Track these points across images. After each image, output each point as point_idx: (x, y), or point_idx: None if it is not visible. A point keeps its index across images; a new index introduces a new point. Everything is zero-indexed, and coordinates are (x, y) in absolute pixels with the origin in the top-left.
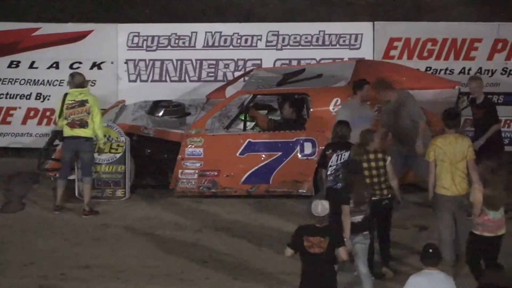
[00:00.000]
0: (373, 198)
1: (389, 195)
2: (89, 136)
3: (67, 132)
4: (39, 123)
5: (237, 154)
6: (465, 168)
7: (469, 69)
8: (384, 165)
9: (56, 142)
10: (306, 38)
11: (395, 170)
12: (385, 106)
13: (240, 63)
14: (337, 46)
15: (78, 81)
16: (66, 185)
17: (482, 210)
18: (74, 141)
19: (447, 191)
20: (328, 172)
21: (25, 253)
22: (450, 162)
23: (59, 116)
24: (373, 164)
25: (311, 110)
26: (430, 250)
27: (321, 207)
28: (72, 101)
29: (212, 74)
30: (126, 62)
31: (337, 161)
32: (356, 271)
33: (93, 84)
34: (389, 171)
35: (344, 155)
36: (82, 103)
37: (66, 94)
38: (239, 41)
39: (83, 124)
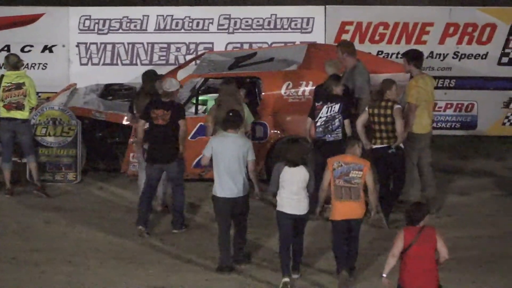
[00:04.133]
0: (380, 146)
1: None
2: (26, 118)
3: (4, 113)
4: None
5: (189, 138)
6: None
7: None
8: (391, 113)
9: None
10: (258, 21)
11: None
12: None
13: (192, 46)
14: (289, 29)
15: (12, 62)
16: (11, 167)
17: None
18: (11, 122)
19: (424, 129)
20: (317, 124)
21: None
22: (428, 100)
23: None
24: (382, 111)
25: (263, 93)
26: (230, 115)
27: (169, 83)
28: (9, 84)
29: (164, 58)
30: (77, 45)
31: (327, 112)
32: None
33: (44, 68)
34: (395, 117)
35: (334, 107)
36: (19, 86)
37: (2, 76)
38: (190, 24)
39: (19, 107)
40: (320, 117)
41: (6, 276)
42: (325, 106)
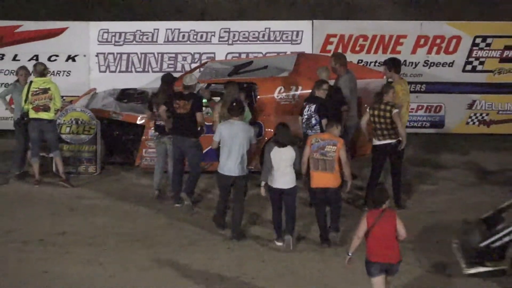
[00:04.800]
0: (380, 142)
1: (395, 140)
2: (51, 118)
3: (32, 114)
4: None
5: None
6: None
7: None
8: (390, 115)
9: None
10: (254, 34)
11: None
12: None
13: (196, 56)
14: (281, 41)
15: (39, 69)
16: (39, 161)
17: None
18: (38, 122)
19: (405, 125)
20: (302, 120)
21: (8, 221)
22: (408, 101)
23: (25, 101)
24: (381, 113)
25: (258, 97)
26: (234, 104)
27: (189, 78)
28: (37, 89)
29: (172, 66)
30: (97, 55)
31: (307, 111)
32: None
33: (68, 75)
34: (395, 120)
35: (311, 107)
36: (45, 90)
37: (31, 82)
38: (195, 37)
39: (46, 108)
40: (304, 115)
41: (35, 256)
42: (307, 106)
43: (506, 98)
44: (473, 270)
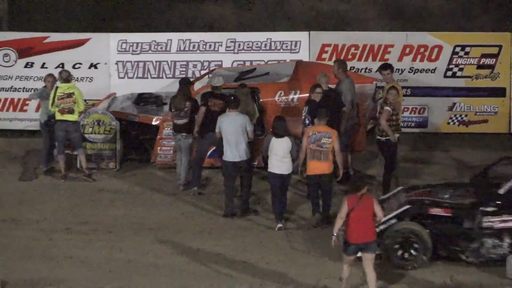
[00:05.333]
0: (377, 138)
1: (383, 138)
2: (75, 120)
3: (58, 116)
4: None
5: None
6: None
7: None
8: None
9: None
10: (257, 44)
11: None
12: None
13: (205, 64)
14: (281, 50)
15: (64, 76)
16: (65, 158)
17: None
18: (64, 123)
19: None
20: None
21: (38, 212)
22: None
23: (52, 104)
24: (380, 110)
25: (261, 100)
26: (232, 98)
27: (216, 79)
28: (62, 93)
29: (184, 72)
30: (116, 63)
31: (304, 112)
32: None
33: (90, 80)
34: (381, 115)
35: (305, 109)
36: (70, 95)
37: (57, 88)
38: (204, 46)
39: (70, 111)
40: (302, 116)
41: (61, 243)
42: (304, 108)
43: (482, 101)
44: None
